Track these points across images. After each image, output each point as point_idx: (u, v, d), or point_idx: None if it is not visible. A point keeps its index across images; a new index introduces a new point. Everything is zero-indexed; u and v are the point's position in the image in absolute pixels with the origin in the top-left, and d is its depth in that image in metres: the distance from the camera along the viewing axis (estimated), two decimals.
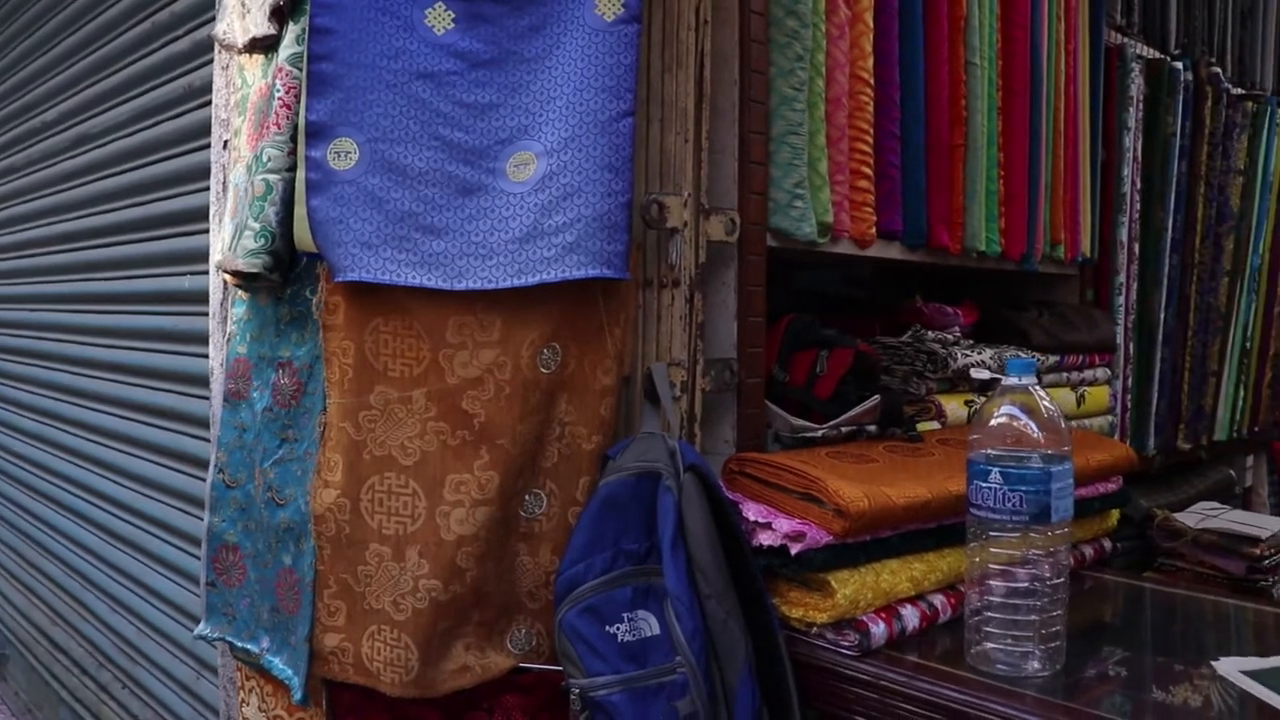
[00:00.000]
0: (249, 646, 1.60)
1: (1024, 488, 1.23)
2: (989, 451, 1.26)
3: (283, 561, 1.52)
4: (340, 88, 1.40)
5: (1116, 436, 2.47)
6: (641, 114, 1.48)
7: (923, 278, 2.19)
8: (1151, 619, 1.68)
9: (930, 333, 1.83)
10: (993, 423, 1.27)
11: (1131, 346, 2.55)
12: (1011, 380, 1.28)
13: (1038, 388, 1.28)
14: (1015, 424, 1.26)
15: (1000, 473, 1.24)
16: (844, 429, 1.61)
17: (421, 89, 1.41)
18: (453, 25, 1.43)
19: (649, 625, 1.33)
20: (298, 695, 1.46)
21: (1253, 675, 1.29)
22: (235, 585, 1.65)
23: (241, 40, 1.63)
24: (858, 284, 2.24)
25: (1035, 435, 1.25)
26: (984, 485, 1.25)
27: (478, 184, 1.41)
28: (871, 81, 1.74)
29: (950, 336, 1.86)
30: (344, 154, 1.39)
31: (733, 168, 1.54)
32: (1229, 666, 1.32)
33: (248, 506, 1.62)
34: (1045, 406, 1.27)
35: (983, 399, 1.85)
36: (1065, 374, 2.17)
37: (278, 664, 1.53)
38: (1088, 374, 2.24)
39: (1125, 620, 1.65)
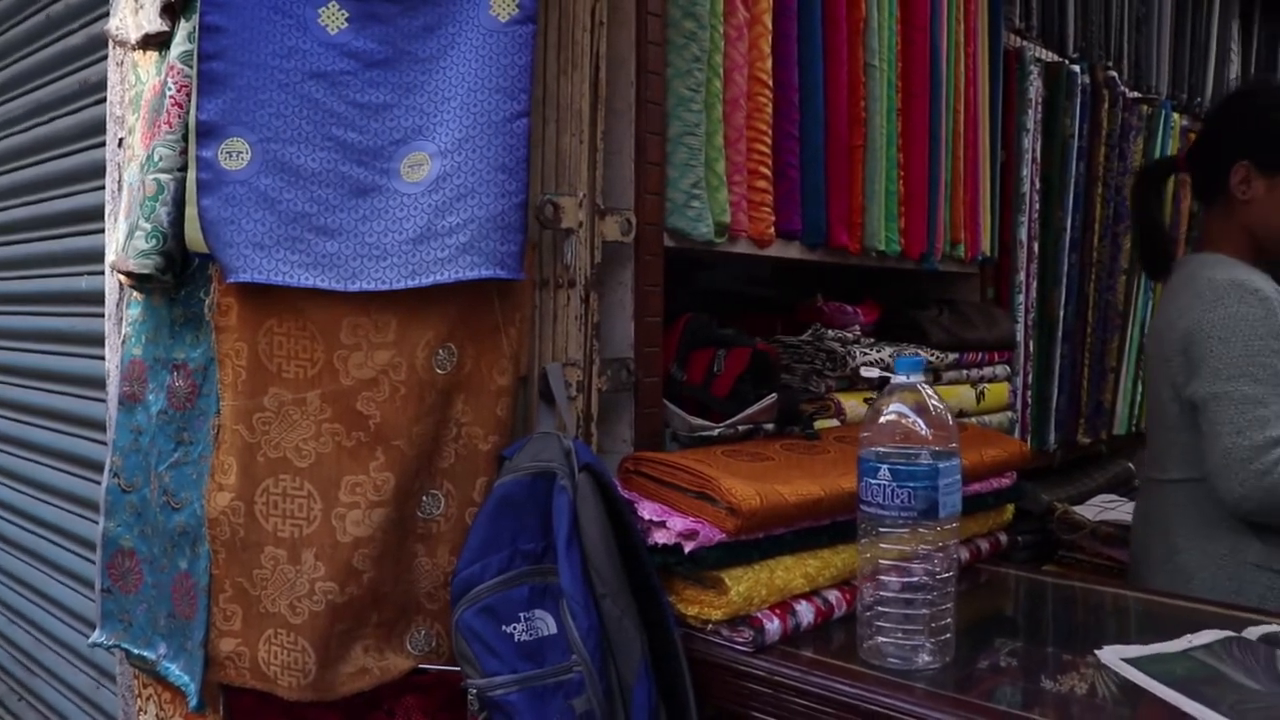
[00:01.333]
0: (145, 653, 1.58)
1: (912, 484, 1.25)
2: (878, 449, 1.27)
3: (179, 566, 1.50)
4: (232, 87, 1.38)
5: (1017, 432, 2.52)
6: (537, 115, 1.48)
7: (827, 277, 2.21)
8: (1044, 610, 1.71)
9: (830, 331, 1.85)
10: (881, 420, 1.29)
11: (1032, 344, 2.61)
12: (900, 379, 1.30)
13: (926, 386, 1.30)
14: (904, 421, 1.28)
15: (889, 470, 1.25)
16: (741, 427, 1.62)
17: (315, 89, 1.40)
18: (346, 25, 1.42)
19: (546, 624, 1.34)
20: (193, 701, 1.44)
21: (1132, 662, 1.33)
22: (131, 591, 1.62)
23: (134, 36, 1.60)
24: (760, 283, 2.26)
25: (923, 432, 1.27)
26: (873, 482, 1.27)
27: (371, 185, 1.40)
28: (770, 83, 1.75)
29: (850, 335, 1.88)
30: (235, 154, 1.37)
31: (629, 168, 1.54)
32: (1110, 655, 1.35)
33: (143, 511, 1.59)
34: (933, 404, 1.29)
35: None
36: (965, 371, 2.20)
37: (174, 670, 1.51)
38: (987, 371, 2.28)
39: (1019, 612, 1.69)
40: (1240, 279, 1.87)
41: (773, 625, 1.37)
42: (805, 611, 1.43)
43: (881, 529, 1.27)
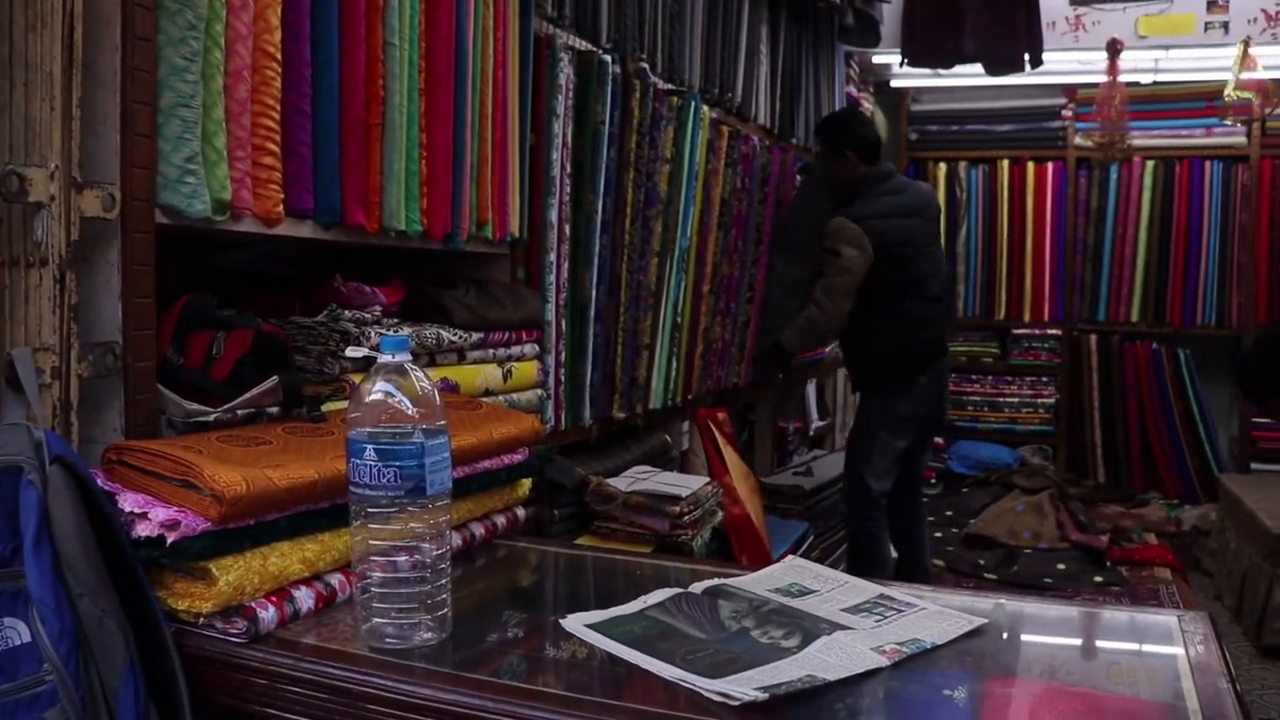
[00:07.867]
0: None
1: (398, 463, 1.25)
2: (365, 429, 1.27)
3: None
4: None
5: (550, 409, 2.60)
6: (2, 76, 1.36)
7: (361, 257, 2.17)
8: (561, 581, 1.78)
9: (347, 312, 1.82)
10: (368, 400, 1.28)
11: (564, 323, 2.68)
12: (386, 358, 1.30)
13: (412, 365, 1.30)
14: (390, 401, 1.28)
15: (375, 449, 1.25)
16: (241, 411, 1.56)
17: None
18: None
19: (18, 633, 1.23)
20: None
21: (593, 627, 1.40)
22: None
23: None
24: (283, 263, 2.19)
25: (409, 411, 1.27)
26: (360, 463, 1.26)
27: None
28: (279, 56, 1.69)
29: (369, 315, 1.86)
30: None
31: (114, 140, 1.44)
32: (573, 622, 1.41)
33: None
34: (420, 383, 1.30)
35: None
36: (491, 350, 2.24)
37: None
38: (514, 350, 2.33)
39: (532, 585, 1.75)
40: None
41: (268, 614, 1.34)
42: (305, 597, 1.40)
43: (371, 509, 1.27)
